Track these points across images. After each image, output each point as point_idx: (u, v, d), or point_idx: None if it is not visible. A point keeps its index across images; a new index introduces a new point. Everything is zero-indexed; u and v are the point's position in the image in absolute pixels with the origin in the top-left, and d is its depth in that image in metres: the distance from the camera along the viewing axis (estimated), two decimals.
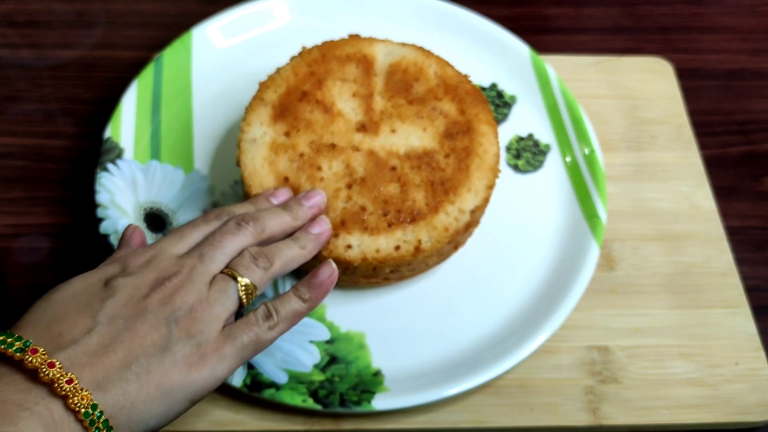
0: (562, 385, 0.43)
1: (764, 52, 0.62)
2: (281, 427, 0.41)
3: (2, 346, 0.30)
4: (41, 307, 0.32)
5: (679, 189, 0.52)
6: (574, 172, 0.50)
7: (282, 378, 0.41)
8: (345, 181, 0.42)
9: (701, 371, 0.44)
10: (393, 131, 0.44)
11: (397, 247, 0.41)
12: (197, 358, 0.33)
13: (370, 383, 0.41)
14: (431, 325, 0.44)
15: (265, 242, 0.39)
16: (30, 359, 0.29)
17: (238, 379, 0.40)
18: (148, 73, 0.52)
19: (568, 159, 0.51)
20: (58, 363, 0.30)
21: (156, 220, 0.46)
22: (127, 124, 0.49)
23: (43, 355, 0.30)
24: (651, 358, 0.45)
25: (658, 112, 0.56)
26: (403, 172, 0.43)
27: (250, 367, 0.41)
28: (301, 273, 0.45)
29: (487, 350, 0.42)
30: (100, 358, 0.30)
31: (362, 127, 0.44)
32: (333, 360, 0.42)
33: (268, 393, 0.40)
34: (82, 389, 0.29)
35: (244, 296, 0.35)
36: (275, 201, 0.41)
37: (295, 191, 0.42)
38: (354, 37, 0.48)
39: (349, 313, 0.44)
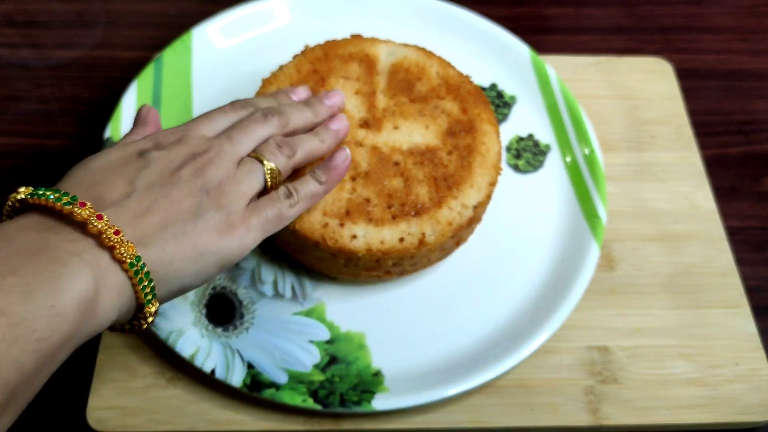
0: (563, 385, 0.43)
1: (764, 53, 0.62)
2: (281, 427, 0.41)
3: (51, 200, 0.31)
4: (80, 171, 0.34)
5: (679, 189, 0.52)
6: (574, 172, 0.50)
7: (282, 378, 0.41)
8: (349, 174, 0.42)
9: (701, 371, 0.44)
10: (396, 128, 0.44)
11: (402, 239, 0.41)
12: (227, 227, 0.35)
13: (370, 383, 0.41)
14: (431, 325, 0.44)
15: (288, 135, 0.41)
16: (79, 211, 0.30)
17: (238, 379, 0.40)
18: (148, 73, 0.52)
19: (568, 159, 0.51)
20: (105, 216, 0.31)
21: None
22: (127, 124, 0.49)
23: (91, 208, 0.31)
24: (651, 358, 0.45)
25: (658, 113, 0.56)
26: (406, 167, 0.43)
27: (250, 366, 0.41)
28: (301, 269, 0.45)
29: (487, 350, 0.42)
30: (140, 219, 0.32)
31: (365, 124, 0.44)
32: (333, 360, 0.42)
33: (268, 393, 0.40)
34: (127, 241, 0.31)
35: (269, 179, 0.38)
36: (295, 98, 0.44)
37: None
38: (356, 37, 0.49)
39: (349, 313, 0.44)
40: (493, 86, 0.55)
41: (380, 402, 0.40)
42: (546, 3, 0.65)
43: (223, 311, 0.43)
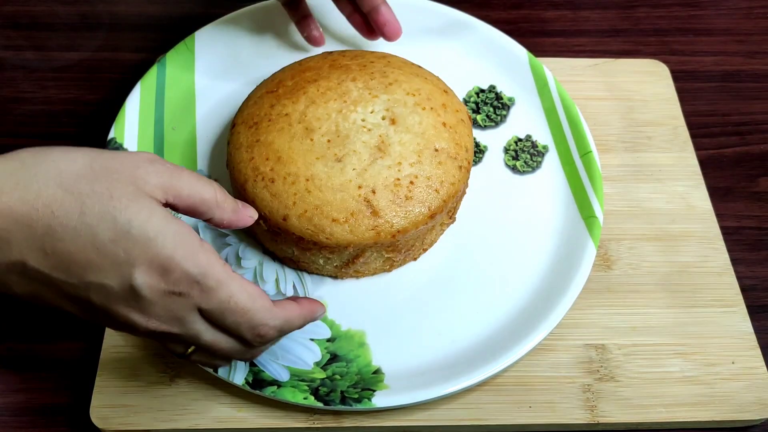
0: (560, 383, 0.44)
1: (760, 54, 0.63)
2: (283, 424, 0.41)
3: None
4: None
5: (675, 189, 0.53)
6: (571, 172, 0.51)
7: (283, 376, 0.41)
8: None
9: (698, 370, 0.45)
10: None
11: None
12: None
13: (370, 381, 0.41)
14: (431, 323, 0.44)
15: None
16: None
17: (240, 377, 0.41)
18: (151, 76, 0.52)
19: (565, 160, 0.52)
20: None
21: None
22: (130, 125, 0.50)
23: None
24: (648, 356, 0.45)
25: (655, 114, 0.57)
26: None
27: (252, 364, 0.41)
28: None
29: (486, 348, 0.43)
30: None
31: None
32: (334, 358, 0.43)
33: (270, 390, 0.40)
34: None
35: None
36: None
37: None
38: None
39: (349, 311, 0.44)
40: (492, 88, 0.55)
41: (380, 399, 0.40)
42: (543, 6, 0.66)
43: None
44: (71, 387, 0.44)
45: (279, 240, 0.44)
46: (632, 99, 0.57)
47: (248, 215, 0.36)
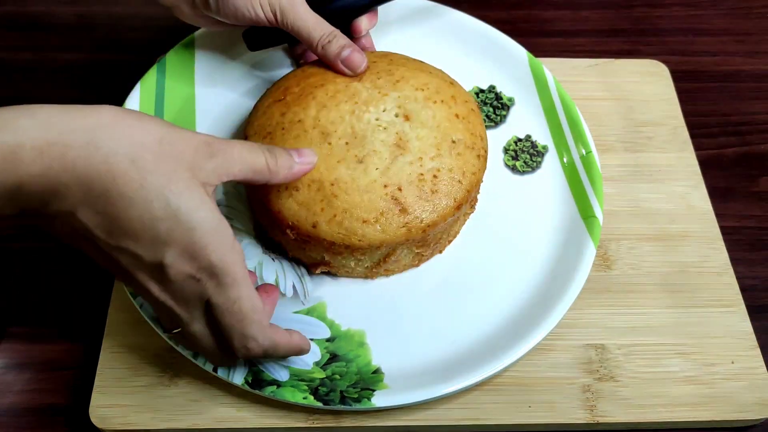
0: (560, 383, 0.44)
1: (760, 54, 0.63)
2: (282, 424, 0.41)
3: None
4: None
5: (675, 189, 0.53)
6: (571, 172, 0.51)
7: (283, 375, 0.41)
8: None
9: (697, 369, 0.45)
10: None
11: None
12: None
13: (370, 381, 0.41)
14: (430, 323, 0.44)
15: None
16: None
17: (239, 377, 0.41)
18: (151, 76, 0.52)
19: (565, 160, 0.52)
20: None
21: None
22: None
23: None
24: (647, 356, 0.45)
25: (654, 114, 0.57)
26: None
27: (252, 364, 0.41)
28: (302, 269, 0.46)
29: (485, 348, 0.43)
30: None
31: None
32: (333, 358, 0.43)
33: (269, 390, 0.40)
34: None
35: None
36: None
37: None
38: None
39: (349, 311, 0.44)
40: (492, 88, 0.55)
41: (380, 399, 0.40)
42: (543, 6, 0.66)
43: None
44: (70, 387, 0.44)
45: (308, 248, 0.43)
46: (632, 99, 0.57)
47: (308, 163, 0.38)
